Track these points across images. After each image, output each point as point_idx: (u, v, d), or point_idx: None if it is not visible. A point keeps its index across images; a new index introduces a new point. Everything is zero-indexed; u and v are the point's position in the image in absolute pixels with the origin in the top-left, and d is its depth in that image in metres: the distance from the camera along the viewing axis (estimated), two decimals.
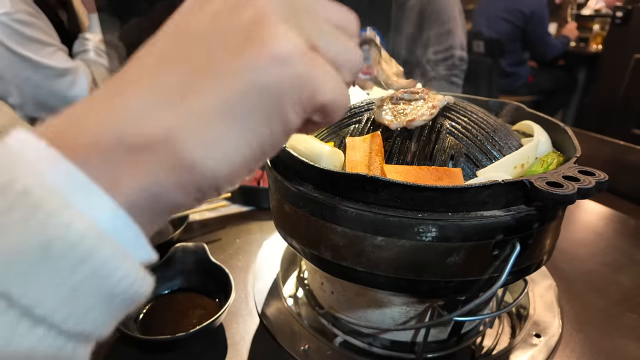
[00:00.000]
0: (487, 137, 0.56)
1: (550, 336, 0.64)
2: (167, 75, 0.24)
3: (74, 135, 0.22)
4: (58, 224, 0.19)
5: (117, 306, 0.22)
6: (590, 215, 1.03)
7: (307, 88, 0.24)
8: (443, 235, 0.45)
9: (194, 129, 0.23)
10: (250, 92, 0.23)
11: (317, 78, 0.25)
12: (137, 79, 0.24)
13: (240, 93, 0.23)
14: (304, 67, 0.24)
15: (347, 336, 0.64)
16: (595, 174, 0.45)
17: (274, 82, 0.23)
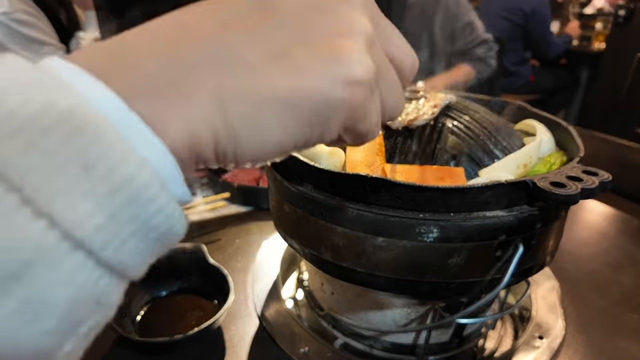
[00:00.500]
0: (490, 136, 0.55)
1: (553, 338, 0.63)
2: (238, 38, 0.24)
3: (122, 66, 0.22)
4: (101, 145, 0.19)
5: (153, 242, 0.21)
6: (593, 215, 1.03)
7: (359, 115, 0.26)
8: (445, 235, 0.45)
9: (251, 104, 0.23)
10: (314, 97, 0.24)
11: (370, 110, 0.27)
12: (209, 28, 0.24)
13: (307, 93, 0.24)
14: (366, 99, 0.26)
15: (348, 338, 0.63)
16: (598, 174, 0.45)
17: (339, 100, 0.24)
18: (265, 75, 0.23)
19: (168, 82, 0.22)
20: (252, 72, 0.23)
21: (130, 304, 0.64)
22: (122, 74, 0.21)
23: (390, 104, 0.29)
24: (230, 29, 0.24)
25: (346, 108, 0.25)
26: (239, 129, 0.23)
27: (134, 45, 0.22)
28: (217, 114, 0.22)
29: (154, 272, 0.69)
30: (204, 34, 0.23)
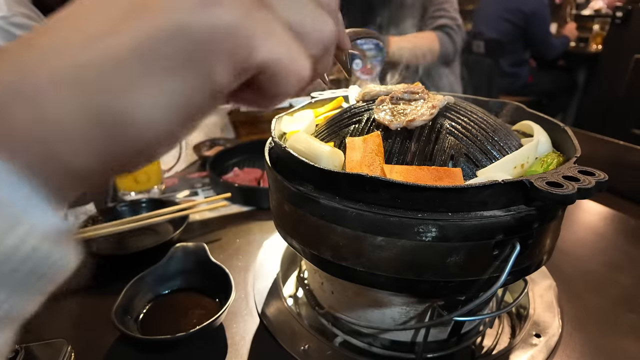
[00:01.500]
0: (487, 137, 0.56)
1: (550, 336, 0.64)
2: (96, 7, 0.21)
3: None
4: None
5: (33, 287, 0.19)
6: (590, 215, 1.03)
7: (242, 42, 0.21)
8: (443, 235, 0.45)
9: (108, 68, 0.20)
10: (175, 35, 0.20)
11: (255, 34, 0.22)
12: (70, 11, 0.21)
13: (164, 33, 0.20)
14: (241, 17, 0.21)
15: (347, 336, 0.64)
16: (595, 174, 0.45)
17: (202, 27, 0.20)
18: (117, 32, 0.20)
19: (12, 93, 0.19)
20: (101, 37, 0.20)
21: (133, 302, 0.65)
22: None
23: (305, 25, 0.25)
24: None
25: (217, 34, 0.21)
26: (105, 99, 0.20)
27: None
28: (78, 98, 0.19)
29: (156, 271, 0.70)
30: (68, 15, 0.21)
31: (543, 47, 3.17)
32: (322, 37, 0.26)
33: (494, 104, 0.73)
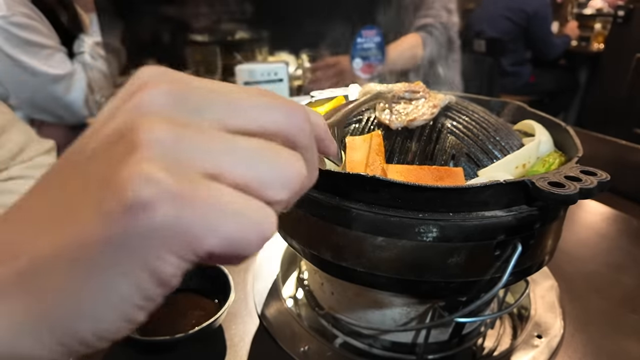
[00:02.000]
0: (489, 136, 0.56)
1: (552, 337, 0.64)
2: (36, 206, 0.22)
3: None
4: None
5: None
6: (592, 215, 1.03)
7: (181, 236, 0.19)
8: (444, 235, 0.45)
9: (41, 274, 0.20)
10: (102, 245, 0.19)
11: (195, 222, 0.19)
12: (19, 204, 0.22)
13: (91, 244, 0.19)
14: (172, 212, 0.19)
15: (348, 337, 0.64)
16: (597, 174, 0.45)
17: (128, 235, 0.19)
18: (49, 243, 0.20)
19: None
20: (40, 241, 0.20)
21: None
22: None
23: (261, 174, 0.21)
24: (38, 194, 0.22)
25: (148, 237, 0.19)
26: (45, 307, 0.20)
27: None
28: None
29: None
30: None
31: (544, 46, 3.17)
32: (289, 179, 0.22)
33: (495, 104, 0.73)
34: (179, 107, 0.21)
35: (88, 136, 0.22)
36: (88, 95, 1.44)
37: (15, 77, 1.35)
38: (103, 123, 0.22)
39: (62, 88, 1.40)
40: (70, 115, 1.45)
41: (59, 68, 1.40)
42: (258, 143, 0.22)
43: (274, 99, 0.23)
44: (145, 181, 0.18)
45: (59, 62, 1.41)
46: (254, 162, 0.21)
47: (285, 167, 0.22)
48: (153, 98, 0.21)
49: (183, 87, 0.22)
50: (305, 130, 0.24)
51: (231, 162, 0.21)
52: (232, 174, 0.20)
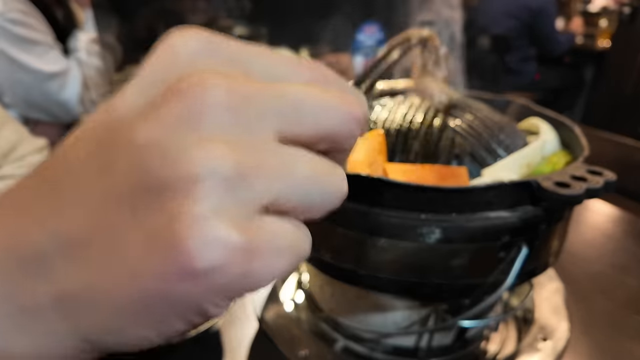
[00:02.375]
0: (493, 135, 0.55)
1: (557, 340, 0.62)
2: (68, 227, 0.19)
3: None
4: None
5: None
6: (598, 216, 1.02)
7: (241, 286, 0.18)
8: (447, 236, 0.44)
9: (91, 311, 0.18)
10: (158, 299, 0.18)
11: (257, 271, 0.18)
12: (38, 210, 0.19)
13: (145, 298, 0.18)
14: (238, 270, 0.17)
15: (348, 341, 0.63)
16: (603, 174, 0.44)
17: (190, 294, 0.17)
18: (99, 276, 0.18)
19: (3, 296, 0.18)
20: (87, 270, 0.18)
21: None
22: None
23: (313, 204, 0.20)
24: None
25: (208, 295, 0.18)
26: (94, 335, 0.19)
27: None
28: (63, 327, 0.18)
29: None
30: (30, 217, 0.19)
31: (549, 43, 3.15)
32: (333, 204, 0.21)
33: (499, 102, 0.72)
34: (242, 118, 0.18)
35: (114, 130, 0.18)
36: (83, 93, 1.44)
37: (9, 75, 1.35)
38: (133, 122, 0.18)
39: (56, 85, 1.40)
40: (64, 113, 1.44)
41: (53, 65, 1.39)
42: (315, 165, 0.20)
43: (334, 93, 0.20)
44: (211, 244, 0.16)
45: (53, 59, 1.40)
46: (309, 188, 0.19)
47: (334, 190, 0.21)
48: (213, 111, 0.17)
49: (247, 87, 0.18)
50: (356, 136, 0.21)
51: (287, 190, 0.19)
52: (286, 204, 0.19)
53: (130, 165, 0.17)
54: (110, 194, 0.17)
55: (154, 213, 0.17)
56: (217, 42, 0.19)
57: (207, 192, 0.16)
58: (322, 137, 0.20)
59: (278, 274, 0.19)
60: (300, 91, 0.19)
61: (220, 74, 0.18)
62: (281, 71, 0.20)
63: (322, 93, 0.20)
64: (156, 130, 0.17)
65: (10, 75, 1.35)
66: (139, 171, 0.17)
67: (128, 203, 0.17)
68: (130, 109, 0.18)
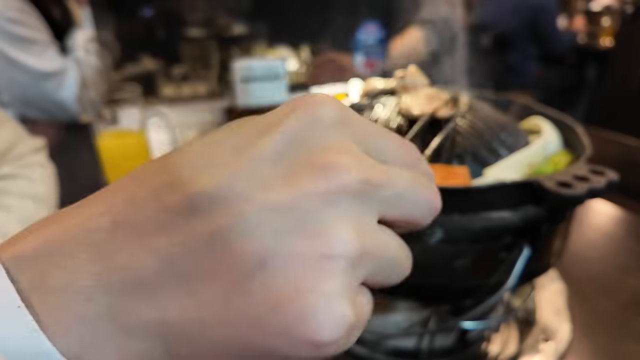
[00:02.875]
0: (495, 135, 0.54)
1: (559, 341, 0.62)
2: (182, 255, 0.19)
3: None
4: None
5: None
6: (600, 216, 1.02)
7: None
8: (449, 237, 0.44)
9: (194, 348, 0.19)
10: (263, 354, 0.19)
11: (348, 345, 0.20)
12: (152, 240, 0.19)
13: (260, 351, 0.19)
14: (348, 342, 0.19)
15: None
16: (605, 174, 0.44)
17: (302, 357, 0.19)
18: (213, 314, 0.18)
19: (103, 313, 0.18)
20: (200, 305, 0.18)
21: None
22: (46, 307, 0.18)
23: (391, 276, 0.23)
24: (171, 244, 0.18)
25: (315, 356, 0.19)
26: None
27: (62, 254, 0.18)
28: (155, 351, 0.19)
29: None
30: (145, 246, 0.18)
31: (551, 42, 3.15)
32: (402, 274, 0.24)
33: (501, 101, 0.71)
34: (365, 203, 0.20)
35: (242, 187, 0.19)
36: (81, 92, 1.43)
37: (5, 73, 1.34)
38: (270, 182, 0.19)
39: (53, 85, 1.38)
40: (62, 113, 1.43)
41: (50, 64, 1.38)
42: (399, 250, 0.22)
43: (427, 185, 0.23)
44: (338, 323, 0.18)
45: (50, 58, 1.39)
46: (390, 270, 0.22)
47: (404, 273, 0.24)
48: (348, 194, 0.19)
49: (372, 173, 0.20)
50: (429, 222, 0.24)
51: (379, 272, 0.21)
52: (371, 281, 0.21)
53: (266, 224, 0.18)
54: (237, 241, 0.18)
55: (285, 276, 0.18)
56: (350, 117, 0.21)
57: (338, 272, 0.18)
58: (409, 221, 0.22)
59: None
60: (405, 180, 0.21)
61: (354, 155, 0.20)
62: (390, 152, 0.22)
63: (419, 184, 0.22)
64: (298, 199, 0.18)
65: (7, 74, 1.34)
66: (275, 231, 0.18)
67: (256, 256, 0.18)
68: (268, 158, 0.19)
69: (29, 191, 0.77)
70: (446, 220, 0.43)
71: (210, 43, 1.93)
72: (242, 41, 2.05)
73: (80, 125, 1.42)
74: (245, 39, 2.06)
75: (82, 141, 1.16)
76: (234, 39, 2.05)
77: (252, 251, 0.18)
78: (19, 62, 1.33)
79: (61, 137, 1.38)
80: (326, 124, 0.20)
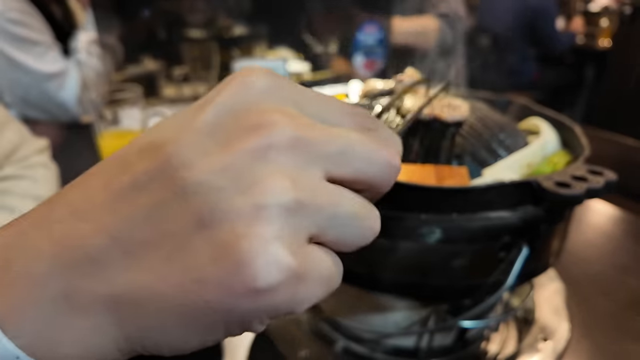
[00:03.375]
0: (493, 135, 0.55)
1: (557, 340, 0.62)
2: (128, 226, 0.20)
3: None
4: None
5: None
6: (599, 216, 1.02)
7: (288, 307, 0.20)
8: (448, 237, 0.44)
9: (144, 313, 0.20)
10: (213, 311, 0.19)
11: (302, 295, 0.20)
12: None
13: (202, 308, 0.19)
14: (290, 292, 0.19)
15: (348, 342, 0.63)
16: (604, 174, 0.44)
17: (243, 309, 0.19)
18: (159, 279, 0.19)
19: (58, 296, 0.19)
20: (147, 273, 0.19)
21: None
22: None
23: (350, 240, 0.22)
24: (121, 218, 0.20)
25: (261, 311, 0.20)
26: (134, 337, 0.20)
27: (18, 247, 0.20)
28: (111, 324, 0.20)
29: None
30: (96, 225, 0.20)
31: (549, 42, 3.15)
32: (364, 242, 0.24)
33: (500, 101, 0.71)
34: (302, 157, 0.20)
35: (190, 150, 0.20)
36: (82, 94, 1.43)
37: (8, 74, 1.34)
38: (209, 148, 0.20)
39: (54, 86, 1.39)
40: (63, 114, 1.44)
41: (51, 66, 1.38)
42: (356, 204, 0.22)
43: (377, 141, 0.22)
44: (273, 267, 0.18)
45: (52, 60, 1.39)
46: (349, 224, 0.22)
47: (369, 229, 0.23)
48: (280, 149, 0.19)
49: (308, 130, 0.20)
50: (392, 183, 0.24)
51: (331, 224, 0.21)
52: (327, 237, 0.21)
53: (203, 186, 0.19)
54: (177, 207, 0.19)
55: (223, 229, 0.18)
56: (282, 83, 0.22)
57: (272, 218, 0.19)
58: (363, 180, 0.22)
59: (314, 300, 0.21)
60: (349, 138, 0.21)
61: (286, 114, 0.20)
62: (332, 116, 0.22)
63: (367, 141, 0.22)
64: (232, 158, 0.19)
65: (9, 74, 1.34)
66: (212, 191, 0.19)
67: (195, 217, 0.19)
68: (204, 130, 0.20)
69: (33, 192, 0.78)
70: (445, 220, 0.43)
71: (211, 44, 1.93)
72: (243, 42, 2.05)
73: (82, 125, 1.43)
74: (245, 39, 2.06)
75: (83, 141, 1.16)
76: (234, 39, 2.05)
77: (191, 212, 0.19)
78: (21, 63, 1.33)
79: (62, 137, 1.38)
80: (259, 90, 0.21)
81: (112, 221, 0.19)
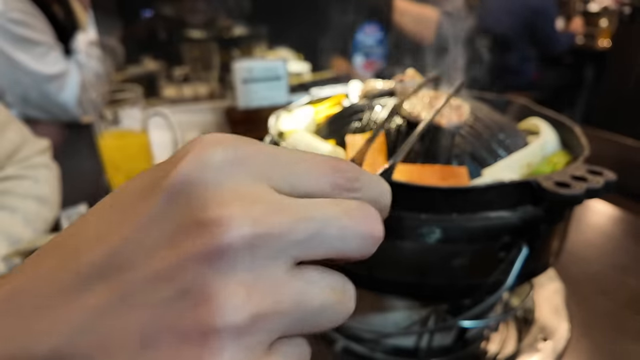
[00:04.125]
0: (493, 135, 0.54)
1: (557, 340, 0.62)
2: None
3: None
4: None
5: None
6: (598, 216, 1.02)
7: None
8: (447, 236, 0.44)
9: None
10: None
11: None
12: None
13: None
14: None
15: (348, 341, 0.63)
16: (603, 174, 0.44)
17: None
18: None
19: None
20: None
21: None
22: None
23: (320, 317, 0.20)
24: None
25: None
26: None
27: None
28: None
29: None
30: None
31: (549, 42, 3.14)
32: (337, 322, 0.21)
33: (499, 101, 0.71)
34: (262, 254, 0.18)
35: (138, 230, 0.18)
36: (82, 95, 1.43)
37: (8, 74, 1.35)
38: (154, 246, 0.18)
39: (54, 87, 1.39)
40: (63, 114, 1.44)
41: (52, 67, 1.38)
42: (326, 294, 0.20)
43: (356, 214, 0.20)
44: None
45: (53, 61, 1.40)
46: (318, 318, 0.19)
47: (341, 314, 0.21)
48: (237, 251, 0.17)
49: (270, 219, 0.18)
50: (371, 252, 0.21)
51: (299, 325, 0.19)
52: (295, 332, 0.19)
53: (148, 295, 0.17)
54: (121, 315, 0.17)
55: (166, 353, 0.17)
56: (246, 152, 0.19)
57: (222, 347, 0.16)
58: (338, 257, 0.20)
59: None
60: (320, 218, 0.19)
61: (245, 202, 0.18)
62: (305, 181, 0.20)
63: (342, 216, 0.19)
64: (179, 263, 0.17)
65: (10, 75, 1.34)
66: (158, 303, 0.17)
67: (139, 331, 0.17)
68: (149, 225, 0.18)
69: (34, 192, 0.78)
70: (445, 219, 0.43)
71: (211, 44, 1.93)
72: (243, 42, 2.05)
73: (82, 125, 1.43)
74: (245, 40, 2.06)
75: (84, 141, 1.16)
76: (234, 40, 2.05)
77: (133, 330, 0.17)
78: (22, 63, 1.33)
79: (63, 138, 1.38)
80: (217, 167, 0.18)
81: (48, 326, 0.17)
